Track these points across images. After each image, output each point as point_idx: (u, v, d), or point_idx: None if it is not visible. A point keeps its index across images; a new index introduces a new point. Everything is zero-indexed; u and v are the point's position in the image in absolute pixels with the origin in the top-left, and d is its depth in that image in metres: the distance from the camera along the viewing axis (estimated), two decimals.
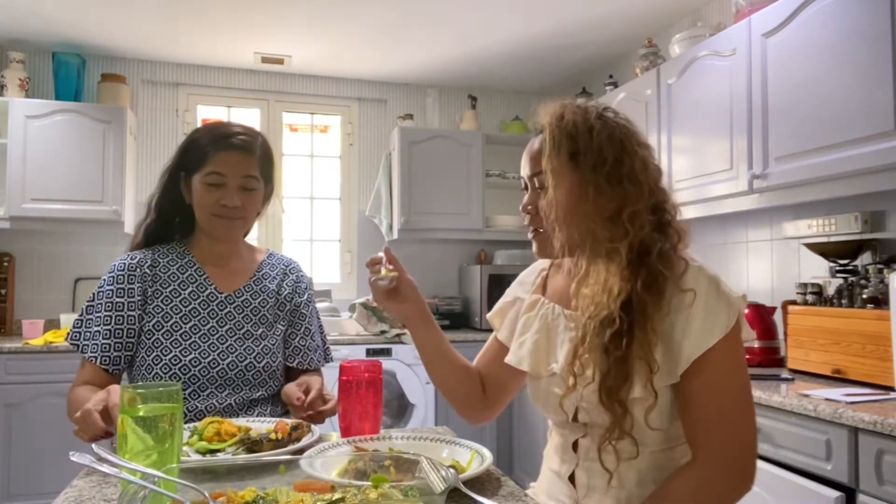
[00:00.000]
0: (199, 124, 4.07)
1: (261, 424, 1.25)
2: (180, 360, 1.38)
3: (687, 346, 1.00)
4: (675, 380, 1.01)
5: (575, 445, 1.12)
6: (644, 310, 1.00)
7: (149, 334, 1.40)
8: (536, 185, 1.13)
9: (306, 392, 1.33)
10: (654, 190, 1.07)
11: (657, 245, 1.03)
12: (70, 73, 3.64)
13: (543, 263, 1.30)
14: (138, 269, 1.44)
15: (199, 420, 1.25)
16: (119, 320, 1.40)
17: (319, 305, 3.70)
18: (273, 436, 1.14)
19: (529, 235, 1.17)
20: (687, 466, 1.02)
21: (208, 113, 4.22)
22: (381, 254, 1.23)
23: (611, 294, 1.02)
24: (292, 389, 1.36)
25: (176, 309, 1.42)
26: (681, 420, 1.04)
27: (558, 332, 1.15)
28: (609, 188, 1.04)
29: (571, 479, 1.12)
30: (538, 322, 1.19)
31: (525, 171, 1.16)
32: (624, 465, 1.05)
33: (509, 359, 1.21)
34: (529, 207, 1.14)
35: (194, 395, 1.38)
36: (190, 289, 1.45)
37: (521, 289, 1.30)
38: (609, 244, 1.03)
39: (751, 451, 1.02)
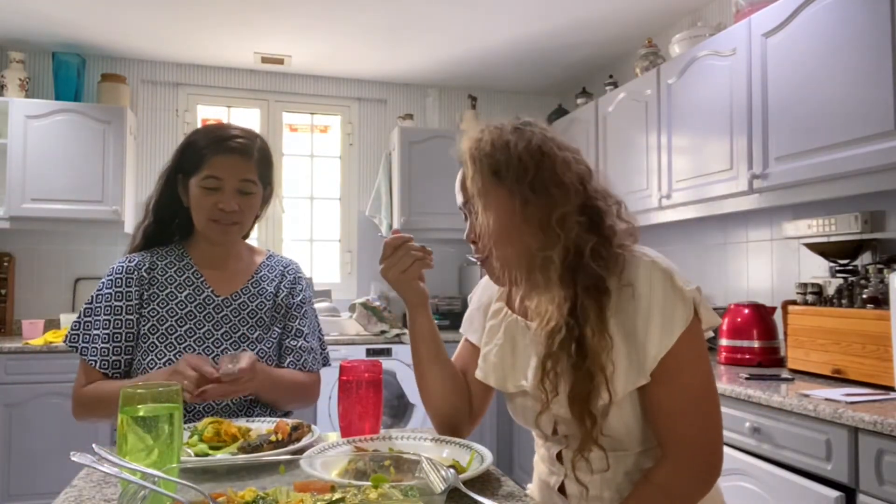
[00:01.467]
0: (199, 124, 4.09)
1: (261, 425, 1.25)
2: (175, 363, 1.35)
3: (651, 347, 0.99)
4: (645, 380, 0.99)
5: (559, 456, 1.12)
6: (588, 313, 0.99)
7: (144, 338, 1.39)
8: (469, 211, 1.12)
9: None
10: (581, 190, 1.04)
11: (588, 245, 1.01)
12: (70, 73, 3.64)
13: None
14: (136, 273, 1.43)
15: (199, 420, 1.25)
16: (117, 324, 1.39)
17: (319, 305, 3.71)
18: (273, 437, 1.14)
19: (479, 266, 1.15)
20: (655, 467, 1.02)
21: (208, 113, 4.22)
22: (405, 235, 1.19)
23: (554, 303, 1.01)
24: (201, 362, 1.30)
25: (172, 312, 1.41)
26: (648, 420, 1.03)
27: (523, 346, 1.14)
28: (535, 196, 1.02)
29: (562, 490, 1.12)
30: (502, 333, 1.18)
31: (458, 200, 1.15)
32: (600, 475, 1.05)
33: (477, 373, 1.20)
34: (472, 236, 1.13)
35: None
36: (187, 292, 1.44)
37: (486, 292, 1.28)
38: (542, 252, 1.02)
39: (716, 445, 1.02)
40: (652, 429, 1.03)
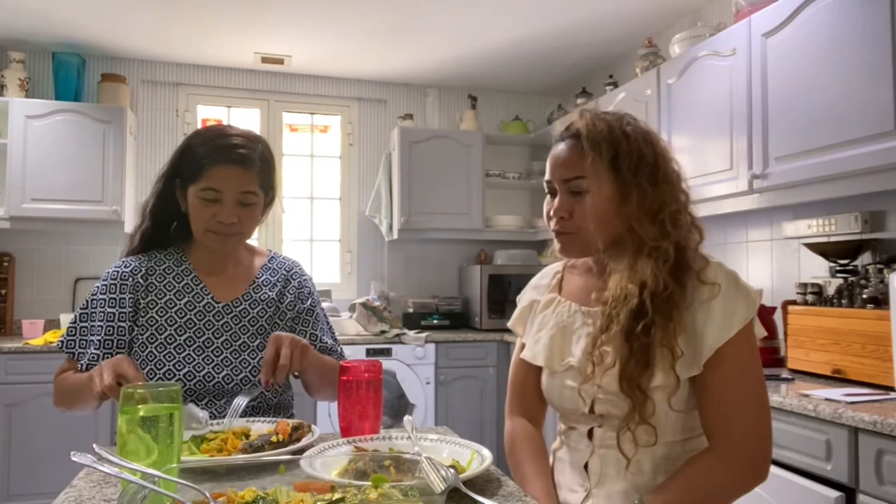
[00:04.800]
0: (199, 124, 4.09)
1: (262, 425, 1.25)
2: (174, 374, 1.34)
3: (709, 336, 1.03)
4: (699, 370, 1.04)
5: (590, 434, 1.14)
6: (669, 301, 1.04)
7: (142, 347, 1.37)
8: (572, 189, 1.14)
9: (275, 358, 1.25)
10: (686, 190, 1.13)
11: (693, 241, 1.10)
12: (70, 73, 3.64)
13: (557, 266, 1.32)
14: (131, 279, 1.40)
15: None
16: (109, 331, 1.37)
17: None
18: (274, 438, 1.13)
19: (553, 235, 1.19)
20: (703, 455, 1.05)
21: (208, 113, 4.22)
22: None
23: (642, 285, 1.05)
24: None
25: (171, 320, 1.38)
26: (699, 411, 1.07)
27: (574, 328, 1.18)
28: (650, 190, 1.09)
29: (585, 467, 1.14)
30: (554, 319, 1.22)
31: (557, 175, 1.16)
32: (641, 453, 1.07)
33: (525, 354, 1.24)
34: (562, 213, 1.15)
35: (193, 404, 1.36)
36: (186, 299, 1.41)
37: (536, 292, 1.32)
38: (654, 243, 1.07)
39: (767, 444, 1.05)
40: (703, 418, 1.06)
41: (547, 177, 1.19)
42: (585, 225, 1.12)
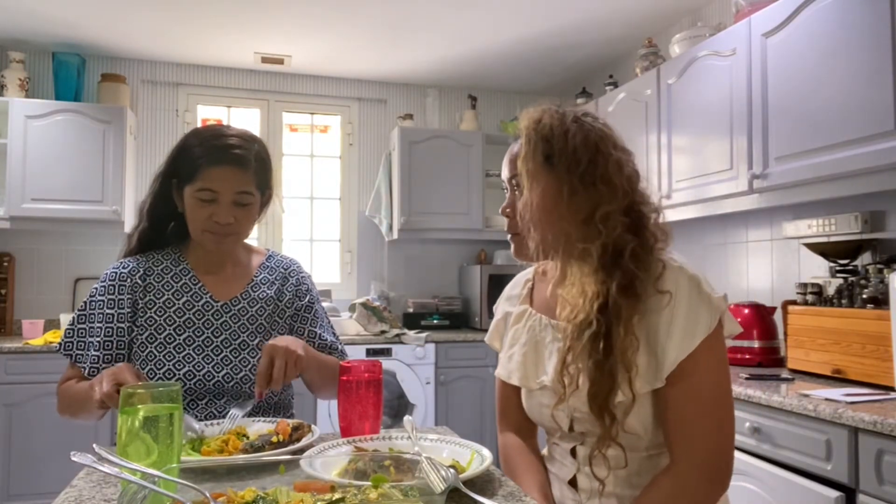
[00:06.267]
0: (200, 124, 4.08)
1: (262, 425, 1.25)
2: (174, 374, 1.34)
3: (671, 350, 1.00)
4: (661, 384, 1.01)
5: (573, 451, 1.13)
6: (619, 312, 1.01)
7: (142, 347, 1.37)
8: (514, 187, 1.14)
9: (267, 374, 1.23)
10: (629, 192, 1.06)
11: (629, 246, 1.03)
12: (70, 73, 3.64)
13: (528, 274, 1.30)
14: (129, 280, 1.40)
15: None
16: (109, 332, 1.37)
17: None
18: (275, 438, 1.13)
19: (508, 237, 1.18)
20: (664, 472, 1.02)
21: (208, 113, 4.22)
22: None
23: (586, 297, 1.03)
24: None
25: (170, 320, 1.38)
26: (661, 424, 1.04)
27: (546, 343, 1.15)
28: (583, 189, 1.05)
29: (573, 483, 1.12)
30: (526, 334, 1.19)
31: (504, 173, 1.17)
32: (614, 473, 1.06)
33: (499, 372, 1.22)
34: (508, 210, 1.16)
35: (192, 404, 1.35)
36: (185, 298, 1.41)
37: (509, 304, 1.29)
38: (582, 245, 1.04)
39: (727, 455, 1.02)
40: (663, 431, 1.03)
41: (501, 174, 1.20)
42: (520, 224, 1.10)
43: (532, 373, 1.15)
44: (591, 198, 1.04)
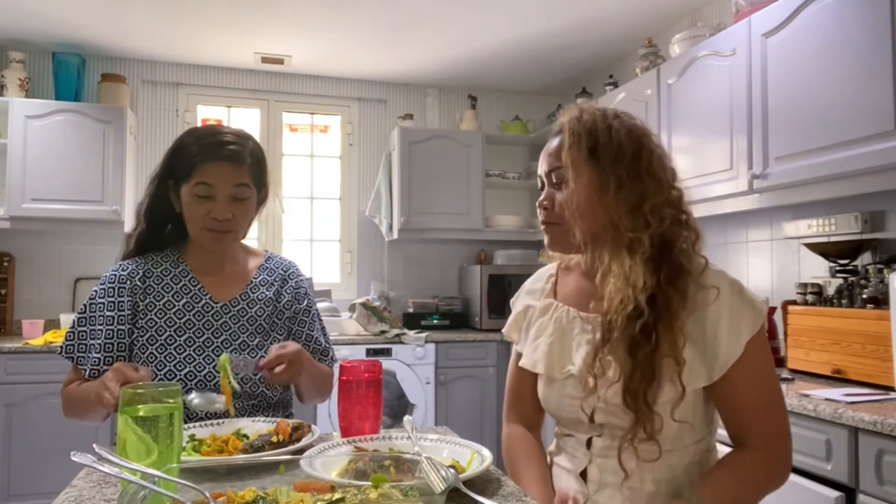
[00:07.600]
0: (199, 124, 4.08)
1: (262, 425, 1.25)
2: (175, 375, 1.35)
3: (721, 349, 1.02)
4: (708, 381, 1.03)
5: (588, 443, 1.13)
6: (669, 305, 1.03)
7: (143, 349, 1.37)
8: (554, 180, 1.15)
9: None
10: (672, 186, 1.11)
11: (679, 239, 1.07)
12: (70, 73, 3.64)
13: (551, 268, 1.30)
14: (129, 282, 1.40)
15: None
16: (109, 334, 1.37)
17: (319, 305, 3.70)
18: (275, 438, 1.14)
19: (542, 228, 1.19)
20: (733, 455, 1.06)
21: (208, 113, 4.21)
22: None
23: (636, 287, 1.03)
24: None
25: (170, 321, 1.39)
26: (721, 416, 1.08)
27: (573, 334, 1.16)
28: (629, 181, 1.07)
29: (583, 474, 1.13)
30: (552, 325, 1.20)
31: (542, 168, 1.18)
32: (641, 466, 1.06)
33: (523, 362, 1.22)
34: (546, 202, 1.16)
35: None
36: (184, 300, 1.41)
37: (530, 297, 1.29)
38: (631, 234, 1.06)
39: (790, 441, 1.07)
40: (729, 424, 1.07)
41: (538, 171, 1.20)
42: (566, 215, 1.11)
43: (557, 362, 1.16)
44: (638, 189, 1.07)
